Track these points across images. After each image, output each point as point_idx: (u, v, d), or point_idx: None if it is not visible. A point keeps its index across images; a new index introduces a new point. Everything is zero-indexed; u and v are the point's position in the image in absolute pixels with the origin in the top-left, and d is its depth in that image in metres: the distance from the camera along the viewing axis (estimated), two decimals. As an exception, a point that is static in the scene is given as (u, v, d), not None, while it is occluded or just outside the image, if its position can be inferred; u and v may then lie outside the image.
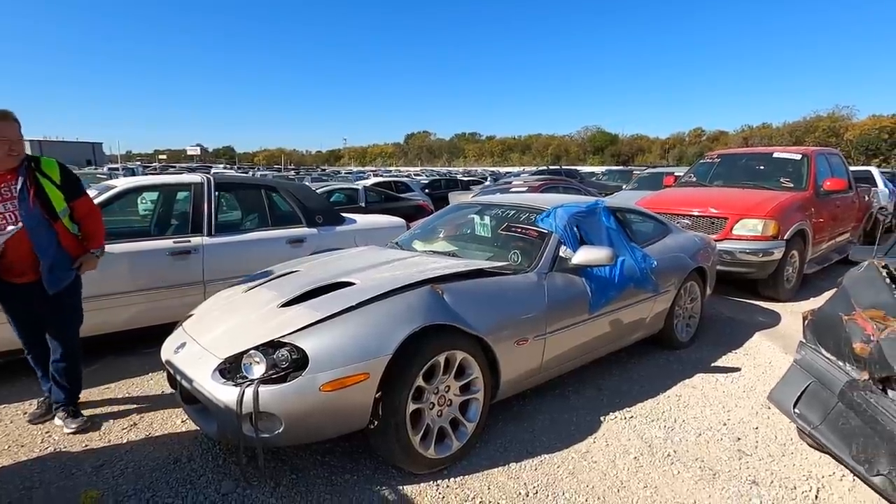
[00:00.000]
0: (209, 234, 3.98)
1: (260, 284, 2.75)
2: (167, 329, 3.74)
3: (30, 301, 2.54)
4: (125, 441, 2.55)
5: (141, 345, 3.86)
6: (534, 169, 25.32)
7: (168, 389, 3.14)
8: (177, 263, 3.79)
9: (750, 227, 5.23)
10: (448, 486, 2.15)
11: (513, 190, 7.87)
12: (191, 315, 2.73)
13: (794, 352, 3.71)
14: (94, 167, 32.71)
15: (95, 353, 3.69)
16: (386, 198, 9.24)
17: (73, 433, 2.60)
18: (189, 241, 3.87)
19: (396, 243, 3.56)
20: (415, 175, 30.08)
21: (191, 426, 2.68)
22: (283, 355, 1.98)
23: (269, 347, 2.04)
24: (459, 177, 24.26)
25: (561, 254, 2.88)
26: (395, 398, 2.05)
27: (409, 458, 2.13)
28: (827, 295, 5.57)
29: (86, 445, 2.51)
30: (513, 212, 3.30)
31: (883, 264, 2.25)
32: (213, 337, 2.25)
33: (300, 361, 1.97)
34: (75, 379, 2.73)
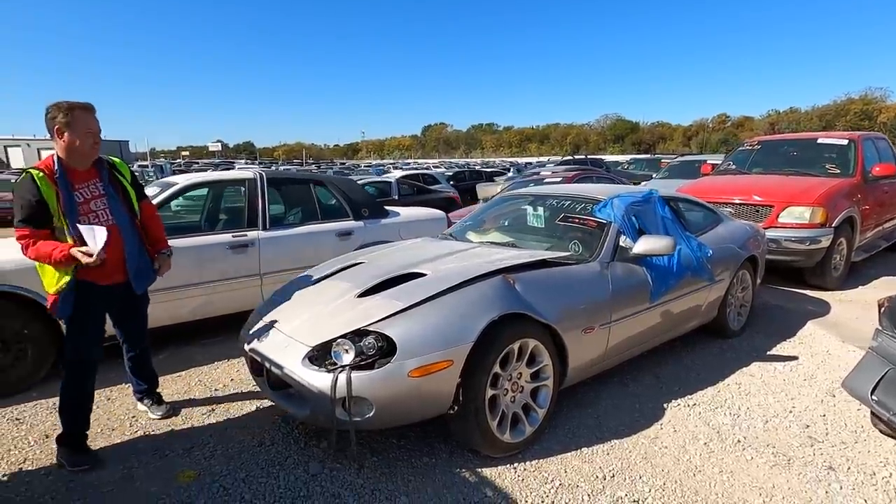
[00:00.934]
0: (264, 228, 4.10)
1: (329, 276, 2.84)
2: (222, 321, 3.92)
3: (111, 303, 2.46)
4: (206, 425, 2.68)
5: (199, 336, 4.03)
6: (559, 159, 25.06)
7: (239, 377, 3.28)
8: (235, 257, 3.92)
9: (797, 214, 5.15)
10: (525, 469, 2.22)
11: (547, 181, 7.86)
12: (264, 304, 2.84)
13: (851, 341, 3.70)
14: (122, 164, 33.40)
15: (158, 344, 3.85)
16: (418, 190, 9.32)
17: (159, 419, 2.74)
18: (246, 235, 4.00)
19: (451, 235, 3.62)
20: (434, 167, 30.09)
21: (266, 411, 2.80)
22: (369, 343, 2.07)
23: (356, 335, 2.12)
24: (478, 168, 24.17)
25: (620, 243, 2.91)
26: (475, 384, 2.12)
27: (487, 441, 2.21)
28: (876, 283, 5.51)
29: (171, 429, 2.65)
30: (567, 202, 3.33)
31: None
32: (296, 325, 2.35)
33: (386, 349, 2.06)
34: (152, 369, 2.86)
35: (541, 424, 2.41)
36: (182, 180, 4.02)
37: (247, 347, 2.50)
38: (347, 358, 2.05)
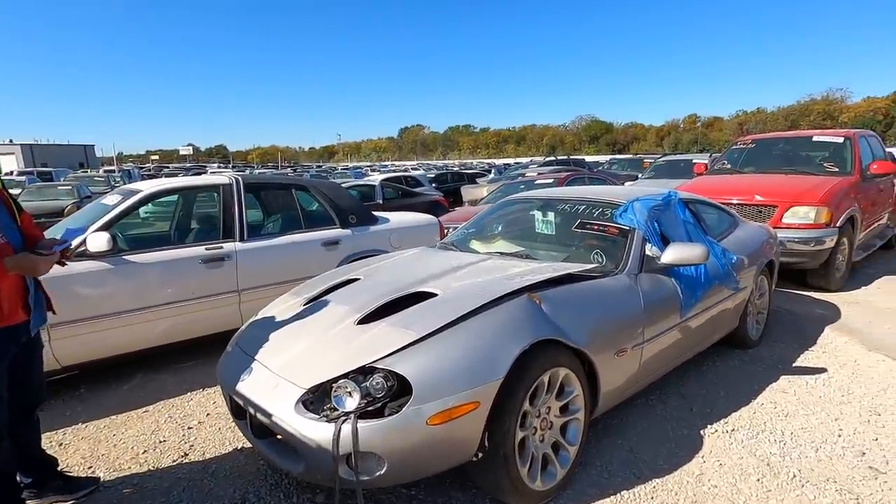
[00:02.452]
0: (242, 239, 3.69)
1: (321, 296, 2.48)
2: (197, 343, 3.50)
3: (10, 352, 1.82)
4: (181, 476, 2.28)
5: (172, 360, 3.60)
6: (541, 160, 25.04)
7: (216, 410, 2.88)
8: (210, 272, 3.51)
9: (801, 214, 4.98)
10: (561, 523, 1.90)
11: (538, 182, 7.59)
12: (245, 331, 2.45)
13: (876, 349, 3.51)
14: (87, 170, 32.08)
15: (125, 373, 3.42)
16: (402, 193, 8.94)
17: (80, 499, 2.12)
18: (222, 248, 3.58)
19: (451, 244, 3.28)
20: (412, 169, 29.75)
21: (250, 456, 2.41)
22: (377, 384, 1.71)
23: (360, 374, 1.76)
24: (457, 169, 23.94)
25: (647, 252, 2.62)
26: (503, 427, 1.79)
27: (518, 492, 1.87)
28: (878, 283, 5.39)
29: (136, 484, 2.24)
30: (582, 206, 3.02)
31: None
32: (285, 361, 1.97)
33: (396, 390, 1.71)
34: (42, 449, 2.13)
35: (572, 464, 2.10)
36: (147, 187, 3.57)
37: (225, 387, 2.11)
38: (351, 403, 1.68)
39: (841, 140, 6.02)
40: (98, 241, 2.92)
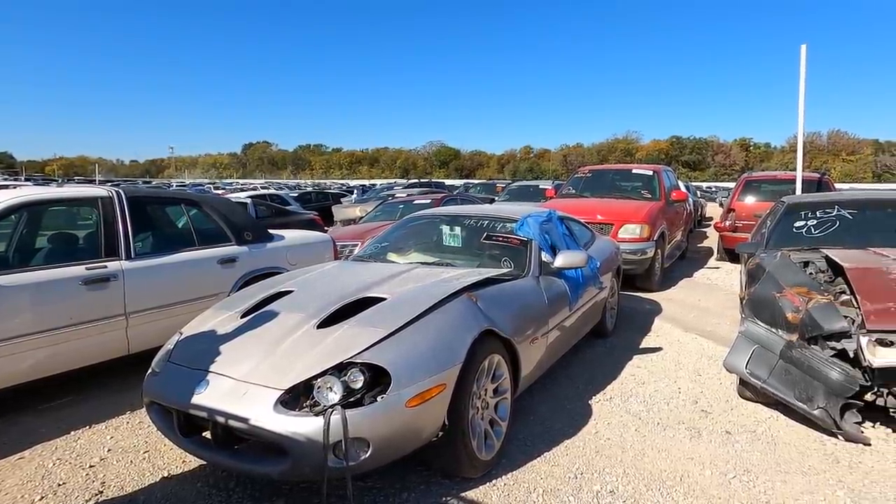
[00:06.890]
0: (128, 258, 3.37)
1: (256, 308, 2.49)
2: (55, 378, 3.07)
3: None
4: (103, 513, 2.08)
5: (34, 400, 3.10)
6: (405, 182, 26.02)
7: (118, 444, 2.62)
8: (91, 294, 3.14)
9: (631, 230, 6.26)
10: (505, 484, 2.25)
11: (416, 202, 8.06)
12: (176, 348, 2.34)
13: (689, 330, 4.61)
14: None
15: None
16: (276, 212, 8.63)
17: None
18: (106, 267, 3.24)
19: (367, 257, 3.48)
20: (262, 188, 28.32)
21: (182, 481, 2.29)
22: (355, 377, 1.88)
23: (336, 370, 1.91)
24: (311, 189, 23.66)
25: (543, 258, 3.18)
26: (459, 406, 2.09)
27: (470, 463, 2.18)
28: (681, 283, 6.98)
29: (47, 529, 1.98)
30: (486, 222, 3.50)
31: (788, 253, 3.00)
32: (250, 368, 1.99)
33: (372, 381, 1.90)
34: None
35: (504, 437, 2.47)
36: (6, 198, 3.07)
37: (174, 404, 2.03)
38: (334, 396, 1.82)
39: (650, 173, 7.68)
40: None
